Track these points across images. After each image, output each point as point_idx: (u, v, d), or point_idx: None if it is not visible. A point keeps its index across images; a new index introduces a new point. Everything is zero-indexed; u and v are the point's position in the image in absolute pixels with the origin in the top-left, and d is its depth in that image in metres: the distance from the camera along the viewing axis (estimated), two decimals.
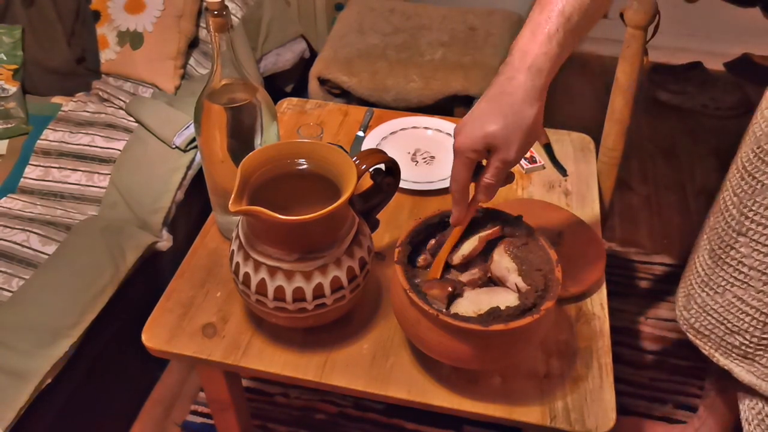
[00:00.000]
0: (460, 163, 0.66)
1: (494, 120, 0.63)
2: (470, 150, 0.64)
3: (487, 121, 0.63)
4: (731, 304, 0.88)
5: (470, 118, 0.65)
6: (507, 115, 0.62)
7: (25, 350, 1.04)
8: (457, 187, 0.68)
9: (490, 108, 0.63)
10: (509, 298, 0.70)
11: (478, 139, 0.63)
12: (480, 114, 0.64)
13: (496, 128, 0.62)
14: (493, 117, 0.63)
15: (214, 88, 0.81)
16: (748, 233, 0.82)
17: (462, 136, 0.65)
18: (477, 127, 0.63)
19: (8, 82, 1.53)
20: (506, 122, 0.62)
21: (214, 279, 0.89)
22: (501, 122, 0.62)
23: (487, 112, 0.63)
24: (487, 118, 0.63)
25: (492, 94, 0.64)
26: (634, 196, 1.96)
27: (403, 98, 1.62)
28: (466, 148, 0.64)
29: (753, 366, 0.89)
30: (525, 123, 0.63)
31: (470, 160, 0.65)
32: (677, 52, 2.43)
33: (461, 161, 0.66)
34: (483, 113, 0.64)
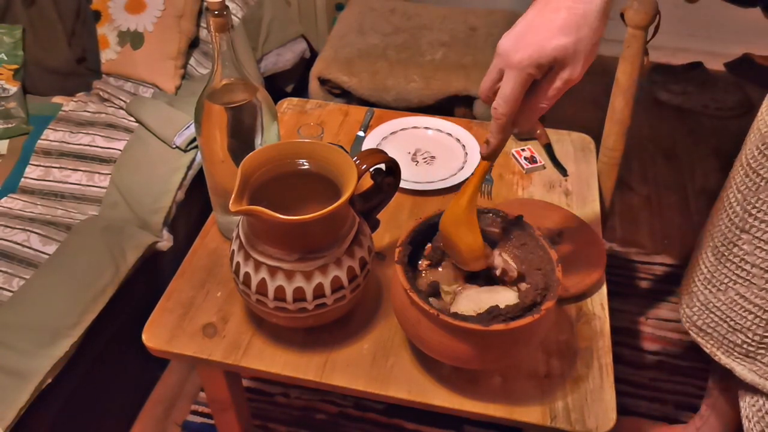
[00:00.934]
0: (518, 79, 0.58)
1: (567, 31, 0.55)
2: (535, 64, 0.57)
3: (559, 33, 0.55)
4: (734, 302, 0.88)
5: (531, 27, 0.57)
6: (581, 27, 0.55)
7: (25, 350, 1.04)
8: (507, 110, 0.60)
9: (560, 18, 0.55)
10: (509, 297, 0.70)
11: (547, 52, 0.56)
12: (547, 23, 0.56)
13: (568, 41, 0.55)
14: (566, 28, 0.55)
15: (214, 88, 0.81)
16: (751, 230, 0.82)
17: (525, 49, 0.56)
18: (545, 38, 0.56)
19: (9, 82, 1.53)
20: (580, 36, 0.56)
21: (214, 279, 0.89)
22: (574, 35, 0.55)
23: (557, 20, 0.56)
24: (557, 27, 0.55)
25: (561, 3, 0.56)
26: (634, 196, 1.96)
27: (403, 98, 1.62)
28: (530, 62, 0.56)
29: (755, 364, 0.89)
30: (597, 38, 0.57)
31: (531, 76, 0.58)
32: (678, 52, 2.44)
33: (520, 77, 0.58)
34: (551, 22, 0.56)
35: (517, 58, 0.57)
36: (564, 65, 0.57)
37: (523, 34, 0.58)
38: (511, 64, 0.58)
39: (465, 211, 0.70)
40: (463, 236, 0.71)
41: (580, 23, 0.56)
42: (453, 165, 1.08)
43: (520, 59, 0.57)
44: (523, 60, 0.57)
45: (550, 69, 0.58)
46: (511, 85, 0.59)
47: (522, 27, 0.58)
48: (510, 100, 0.59)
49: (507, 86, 0.59)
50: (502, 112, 0.60)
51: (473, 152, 1.09)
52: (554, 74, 0.58)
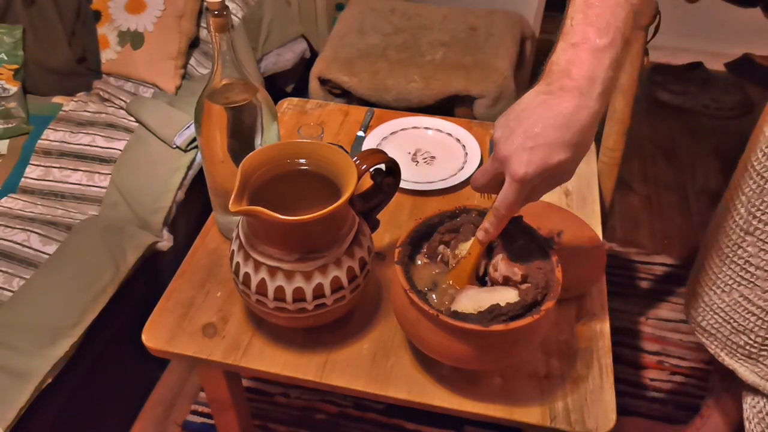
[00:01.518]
0: (521, 190, 0.62)
1: (567, 149, 0.59)
2: (539, 178, 0.61)
3: (560, 150, 0.59)
4: (737, 304, 0.88)
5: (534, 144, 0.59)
6: (578, 145, 0.59)
7: (25, 350, 1.04)
8: (508, 213, 0.65)
9: (563, 136, 0.59)
10: (509, 296, 0.70)
11: (550, 168, 0.60)
12: (550, 142, 0.59)
13: (568, 156, 0.59)
14: (565, 145, 0.59)
15: (214, 88, 0.81)
16: (755, 232, 0.82)
17: (528, 165, 0.60)
18: (548, 156, 0.59)
19: (9, 82, 1.53)
20: (576, 152, 0.60)
21: (214, 279, 0.89)
22: (571, 152, 0.59)
23: (559, 140, 0.59)
24: (559, 146, 0.59)
25: (560, 120, 0.59)
26: (634, 196, 1.96)
27: (403, 98, 1.62)
28: (534, 177, 0.60)
29: (757, 366, 0.90)
30: (588, 148, 0.61)
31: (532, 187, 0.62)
32: (678, 52, 2.44)
33: (523, 189, 0.62)
34: (553, 140, 0.59)
35: (521, 173, 0.60)
36: (561, 174, 0.62)
37: (524, 146, 0.60)
38: (516, 178, 0.61)
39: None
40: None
41: (577, 140, 0.59)
42: (453, 165, 1.08)
43: (525, 174, 0.60)
44: (528, 175, 0.60)
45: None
46: (514, 195, 0.62)
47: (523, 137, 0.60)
48: (509, 205, 0.64)
49: (510, 195, 0.63)
50: (503, 214, 0.65)
51: (473, 152, 1.09)
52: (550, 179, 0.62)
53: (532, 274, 0.71)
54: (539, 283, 0.70)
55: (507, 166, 0.61)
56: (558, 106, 0.59)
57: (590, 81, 0.59)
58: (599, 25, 0.59)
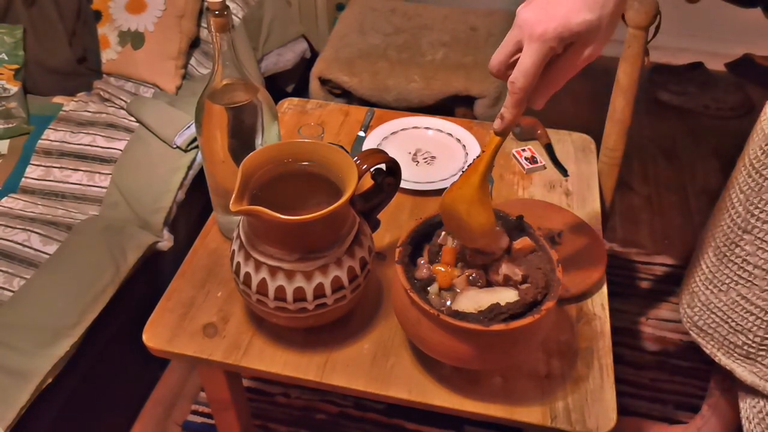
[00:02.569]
0: (540, 52, 0.56)
1: (593, 7, 0.55)
2: (559, 38, 0.55)
3: (583, 7, 0.55)
4: (735, 303, 0.88)
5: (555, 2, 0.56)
6: (606, 5, 0.55)
7: (25, 350, 1.04)
8: (526, 83, 0.58)
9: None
10: (509, 296, 0.70)
11: (572, 27, 0.55)
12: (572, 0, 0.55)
13: (593, 17, 0.55)
14: (592, 3, 0.55)
15: (215, 88, 0.81)
16: (753, 231, 0.82)
17: (548, 22, 0.55)
18: (570, 12, 0.55)
19: (9, 82, 1.53)
20: (603, 12, 0.55)
21: (214, 279, 0.89)
22: (599, 11, 0.55)
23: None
24: (582, 3, 0.55)
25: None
26: (635, 196, 1.96)
27: (404, 98, 1.62)
28: (554, 35, 0.55)
29: (755, 366, 0.89)
30: (618, 17, 0.57)
31: (552, 50, 0.56)
32: (678, 52, 2.44)
33: (542, 50, 0.56)
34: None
35: (540, 30, 0.55)
36: (586, 42, 0.57)
37: (545, 6, 0.56)
38: (534, 36, 0.56)
39: (477, 189, 0.67)
40: (476, 215, 0.68)
41: (604, 1, 0.55)
42: (453, 165, 1.08)
43: (544, 31, 0.55)
44: (548, 32, 0.55)
45: (571, 44, 0.57)
46: (532, 58, 0.57)
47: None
48: (530, 74, 0.57)
49: (527, 59, 0.57)
50: (520, 86, 0.58)
51: (474, 152, 1.09)
52: (574, 50, 0.57)
53: (532, 274, 0.71)
54: (539, 283, 0.70)
55: (527, 27, 0.57)
56: None
57: None
58: None
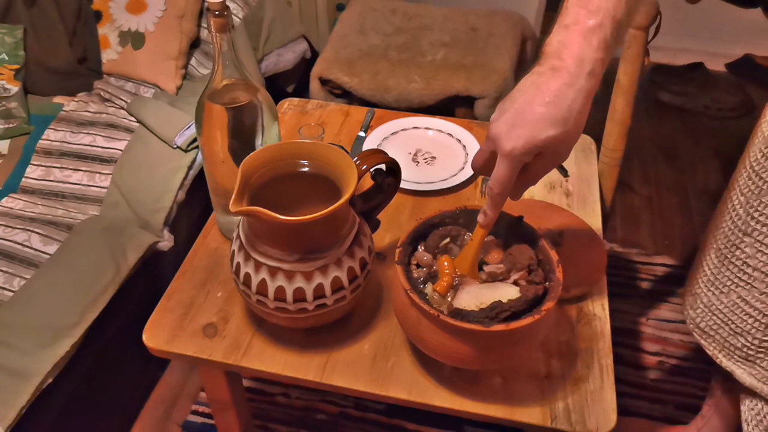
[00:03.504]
0: (511, 167, 0.63)
1: (554, 125, 0.60)
2: (526, 154, 0.61)
3: (547, 126, 0.60)
4: (735, 305, 0.88)
5: (521, 120, 0.61)
6: (568, 121, 0.60)
7: (26, 350, 1.04)
8: (501, 191, 0.65)
9: (549, 112, 0.60)
10: (510, 292, 0.70)
11: (537, 143, 0.61)
12: (537, 118, 0.60)
13: (556, 134, 0.60)
14: (553, 121, 0.60)
15: (215, 89, 0.81)
16: (754, 233, 0.82)
17: (516, 140, 0.61)
18: (535, 131, 0.60)
19: (10, 82, 1.53)
20: (567, 128, 0.60)
21: (215, 279, 0.89)
22: (562, 128, 0.60)
23: (546, 116, 0.60)
24: (547, 122, 0.60)
25: (548, 97, 0.60)
26: (635, 196, 1.96)
27: (404, 98, 1.62)
28: (522, 152, 0.61)
29: (754, 368, 0.89)
30: (581, 128, 0.62)
31: (521, 163, 0.63)
32: (678, 52, 2.44)
33: (512, 165, 0.62)
34: (540, 117, 0.60)
35: (509, 148, 0.61)
36: (554, 151, 0.62)
37: (513, 122, 0.61)
38: (504, 153, 0.62)
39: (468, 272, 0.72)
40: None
41: (565, 117, 0.60)
42: (454, 165, 1.08)
43: (512, 149, 0.61)
44: (516, 150, 0.61)
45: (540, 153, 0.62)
46: (504, 171, 0.63)
47: (513, 114, 0.61)
48: (504, 184, 0.64)
49: (500, 171, 0.63)
50: (497, 192, 0.65)
51: (474, 152, 1.09)
52: (543, 158, 0.63)
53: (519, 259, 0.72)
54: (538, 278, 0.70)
55: (498, 143, 0.62)
56: (546, 85, 0.60)
57: (578, 62, 0.60)
58: (590, 8, 0.60)
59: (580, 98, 0.60)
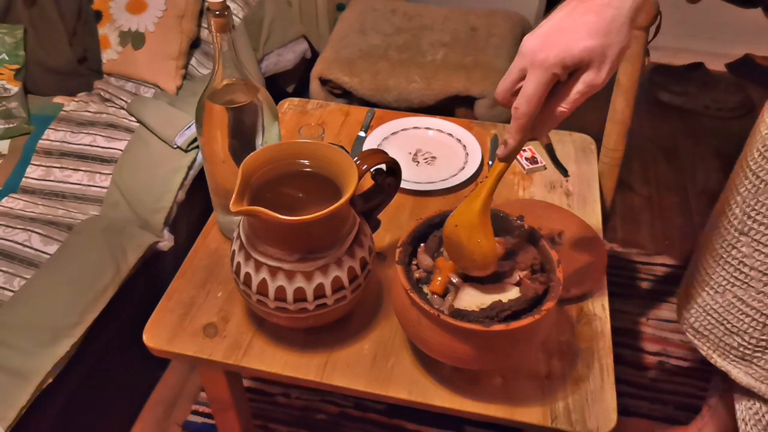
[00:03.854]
0: (542, 78, 0.57)
1: (595, 34, 0.55)
2: (561, 64, 0.56)
3: (586, 34, 0.55)
4: (731, 305, 0.88)
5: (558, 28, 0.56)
6: (611, 32, 0.55)
7: (26, 350, 1.04)
8: (529, 109, 0.58)
9: (590, 21, 0.55)
10: (511, 293, 0.70)
11: (574, 53, 0.55)
12: (575, 25, 0.55)
13: (596, 43, 0.55)
14: (595, 31, 0.55)
15: (215, 89, 0.81)
16: (750, 233, 0.82)
17: (551, 48, 0.56)
18: (572, 39, 0.55)
19: (10, 82, 1.53)
20: (608, 39, 0.55)
21: (215, 279, 0.89)
22: (602, 38, 0.55)
23: (586, 23, 0.55)
24: (586, 30, 0.55)
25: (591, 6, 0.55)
26: (635, 196, 1.96)
27: (404, 98, 1.62)
28: (556, 61, 0.55)
29: (751, 368, 0.89)
30: (624, 44, 0.56)
31: (555, 76, 0.57)
32: (679, 52, 2.44)
33: (545, 76, 0.56)
34: (579, 24, 0.55)
35: (542, 56, 0.56)
36: (589, 68, 0.57)
37: (549, 35, 0.57)
38: (536, 63, 0.57)
39: (479, 215, 0.68)
40: (479, 242, 0.68)
41: (609, 28, 0.55)
42: (454, 165, 1.08)
43: (545, 57, 0.56)
44: (549, 58, 0.56)
45: (574, 71, 0.58)
46: (534, 84, 0.57)
47: (548, 28, 0.57)
48: (533, 100, 0.58)
49: (530, 85, 0.58)
50: (523, 111, 0.59)
51: (474, 152, 1.09)
52: (578, 77, 0.58)
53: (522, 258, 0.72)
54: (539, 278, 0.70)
55: (529, 54, 0.57)
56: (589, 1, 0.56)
57: None
58: None
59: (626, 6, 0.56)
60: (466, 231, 0.68)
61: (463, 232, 0.69)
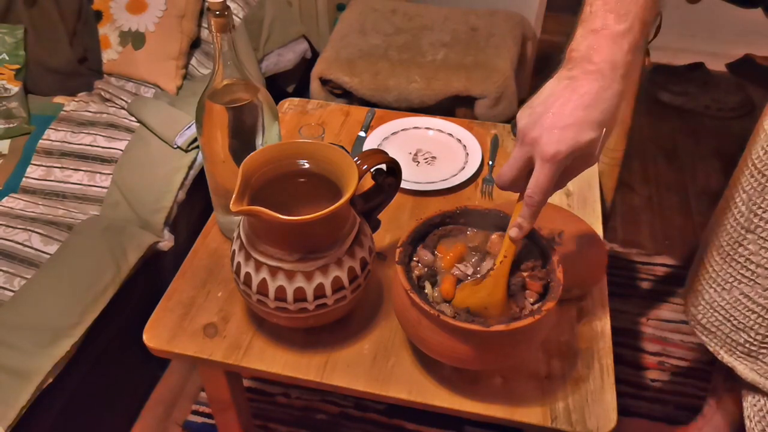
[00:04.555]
0: (553, 171, 0.61)
1: (594, 128, 0.60)
2: (570, 158, 0.60)
3: (588, 129, 0.59)
4: (738, 301, 0.88)
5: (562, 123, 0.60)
6: (604, 123, 0.60)
7: (26, 350, 1.04)
8: (542, 198, 0.63)
9: (590, 115, 0.59)
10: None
11: (582, 146, 0.60)
12: (577, 121, 0.60)
13: (596, 136, 0.60)
14: (593, 124, 0.60)
15: (215, 89, 0.81)
16: (757, 230, 0.82)
17: (559, 143, 0.60)
18: (579, 135, 0.59)
19: (10, 82, 1.53)
20: (602, 132, 0.60)
21: (215, 279, 0.89)
22: (600, 130, 0.60)
23: (587, 118, 0.59)
24: (587, 125, 0.59)
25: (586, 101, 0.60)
26: (635, 196, 1.96)
27: (404, 98, 1.62)
28: (565, 156, 0.60)
29: (756, 364, 0.90)
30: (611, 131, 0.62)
31: (562, 168, 0.61)
32: (679, 52, 2.43)
33: (555, 170, 0.61)
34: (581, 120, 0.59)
35: (552, 151, 0.60)
36: (590, 154, 0.62)
37: (554, 128, 0.60)
38: (547, 157, 0.60)
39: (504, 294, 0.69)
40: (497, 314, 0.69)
41: (603, 120, 0.60)
42: (454, 165, 1.08)
43: (556, 152, 0.60)
44: (560, 153, 0.60)
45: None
46: (548, 177, 0.61)
47: (551, 120, 0.60)
48: (547, 191, 0.62)
49: (543, 178, 0.61)
50: (537, 200, 0.63)
51: (474, 153, 1.09)
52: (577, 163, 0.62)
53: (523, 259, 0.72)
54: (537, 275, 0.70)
55: (538, 147, 0.61)
56: (582, 88, 0.60)
57: (611, 65, 0.60)
58: (618, 12, 0.60)
59: (615, 100, 0.60)
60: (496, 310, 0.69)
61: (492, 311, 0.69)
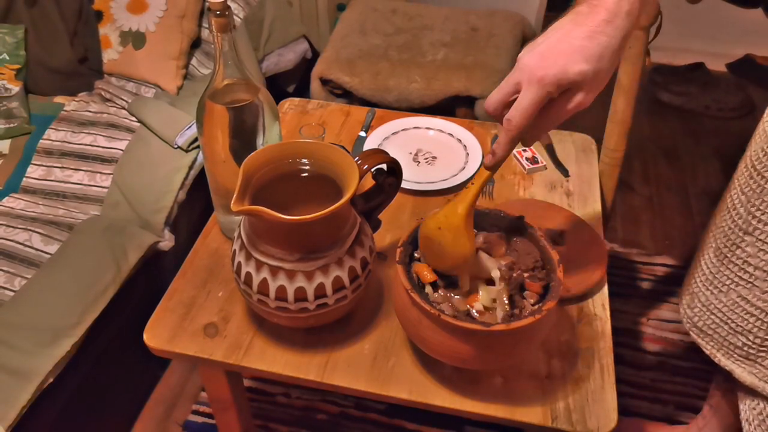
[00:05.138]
0: (538, 95, 0.60)
1: (589, 59, 0.59)
2: (557, 84, 0.60)
3: (581, 59, 0.59)
4: (735, 304, 0.88)
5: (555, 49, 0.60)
6: (602, 58, 0.59)
7: (27, 349, 1.04)
8: (521, 122, 0.62)
9: (586, 46, 0.59)
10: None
11: (570, 75, 0.59)
12: (572, 50, 0.59)
13: (589, 68, 0.59)
14: (588, 56, 0.59)
15: (216, 88, 0.81)
16: (755, 232, 0.82)
17: (550, 67, 0.59)
18: (569, 62, 0.59)
19: (11, 82, 1.53)
20: (600, 65, 0.60)
21: (215, 279, 0.89)
22: (595, 64, 0.59)
23: (581, 49, 0.59)
24: (580, 55, 0.59)
25: (586, 31, 0.59)
26: (635, 196, 1.96)
27: (405, 98, 1.62)
28: (552, 81, 0.59)
29: (755, 367, 0.89)
30: (612, 70, 0.61)
31: (549, 94, 0.61)
32: (679, 52, 2.43)
33: (540, 93, 0.60)
34: (576, 49, 0.59)
35: (540, 74, 0.60)
36: (580, 90, 0.61)
37: (546, 54, 0.60)
38: (533, 80, 0.60)
39: (464, 218, 0.69)
40: (461, 245, 0.69)
41: (602, 54, 0.60)
42: (454, 165, 1.08)
43: (543, 75, 0.60)
44: (547, 77, 0.60)
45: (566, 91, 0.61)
46: (530, 99, 0.61)
47: (546, 47, 0.61)
48: (526, 114, 0.61)
49: (525, 100, 0.61)
50: (515, 124, 0.62)
51: (474, 153, 1.09)
52: (567, 97, 0.61)
53: (521, 260, 0.72)
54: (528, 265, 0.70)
55: (526, 71, 0.61)
56: (585, 20, 0.60)
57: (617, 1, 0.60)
58: None
59: (618, 36, 0.60)
60: (450, 233, 0.69)
61: (447, 234, 0.70)
